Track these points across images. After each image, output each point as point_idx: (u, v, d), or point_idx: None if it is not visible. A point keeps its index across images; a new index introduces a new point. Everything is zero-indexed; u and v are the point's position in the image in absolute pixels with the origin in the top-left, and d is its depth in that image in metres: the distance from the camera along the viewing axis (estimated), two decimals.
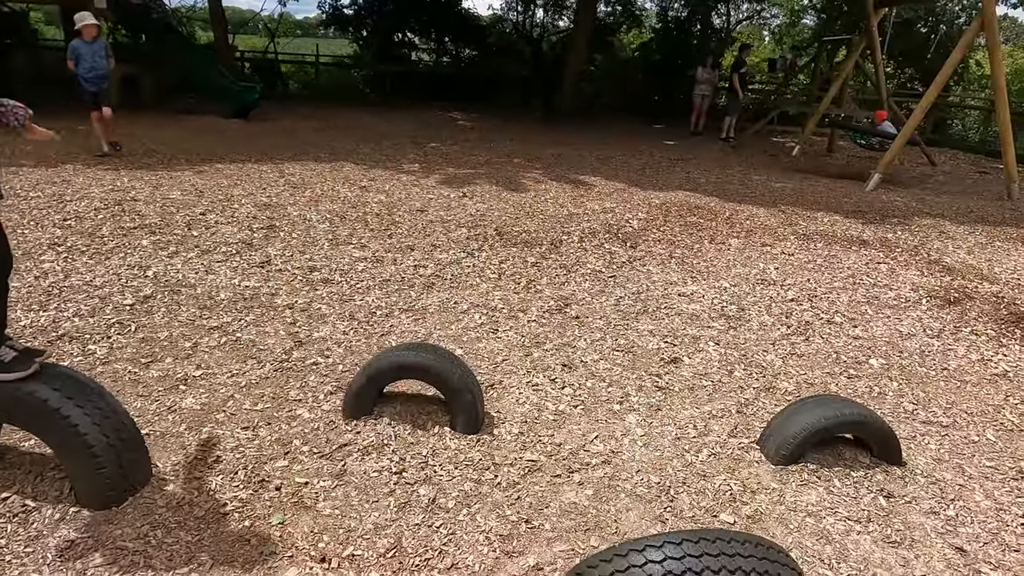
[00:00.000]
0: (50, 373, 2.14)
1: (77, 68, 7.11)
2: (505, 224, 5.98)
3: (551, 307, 4.16)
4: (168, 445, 2.53)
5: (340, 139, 10.04)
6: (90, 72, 7.19)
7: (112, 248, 4.59)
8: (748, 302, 4.49)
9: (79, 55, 7.12)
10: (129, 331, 3.42)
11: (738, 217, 6.85)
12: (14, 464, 2.32)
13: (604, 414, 2.98)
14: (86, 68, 7.15)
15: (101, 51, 7.28)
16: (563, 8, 17.98)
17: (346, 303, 4.00)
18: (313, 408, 2.84)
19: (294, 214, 5.76)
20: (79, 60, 7.11)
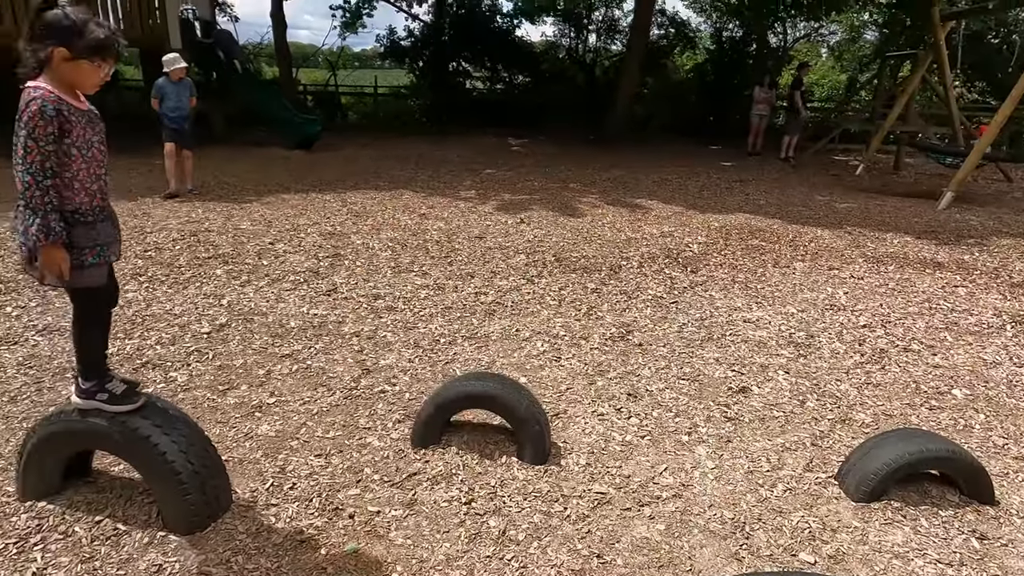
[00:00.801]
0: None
1: (161, 107, 7.27)
2: (563, 250, 5.99)
3: (613, 334, 4.13)
4: (246, 471, 2.61)
5: (398, 167, 10.30)
6: (174, 111, 7.35)
7: (189, 278, 4.81)
8: (817, 328, 4.35)
9: (164, 94, 7.26)
10: (207, 359, 3.57)
11: (802, 239, 6.68)
12: (105, 488, 2.43)
13: (672, 445, 2.93)
14: (170, 107, 7.31)
15: (186, 91, 7.41)
16: (615, 32, 18.07)
17: (410, 331, 4.07)
18: (382, 436, 2.89)
19: (357, 242, 5.91)
20: (164, 99, 7.26)
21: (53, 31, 1.83)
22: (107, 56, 1.90)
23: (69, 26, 1.83)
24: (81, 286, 1.98)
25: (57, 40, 1.83)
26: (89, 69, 1.89)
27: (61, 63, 1.84)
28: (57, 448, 2.29)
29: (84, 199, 1.94)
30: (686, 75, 18.15)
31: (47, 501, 2.34)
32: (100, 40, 1.87)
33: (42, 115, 1.78)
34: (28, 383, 3.23)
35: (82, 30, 1.85)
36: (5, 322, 3.92)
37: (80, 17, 1.86)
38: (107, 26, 1.90)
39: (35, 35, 1.84)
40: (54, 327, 3.87)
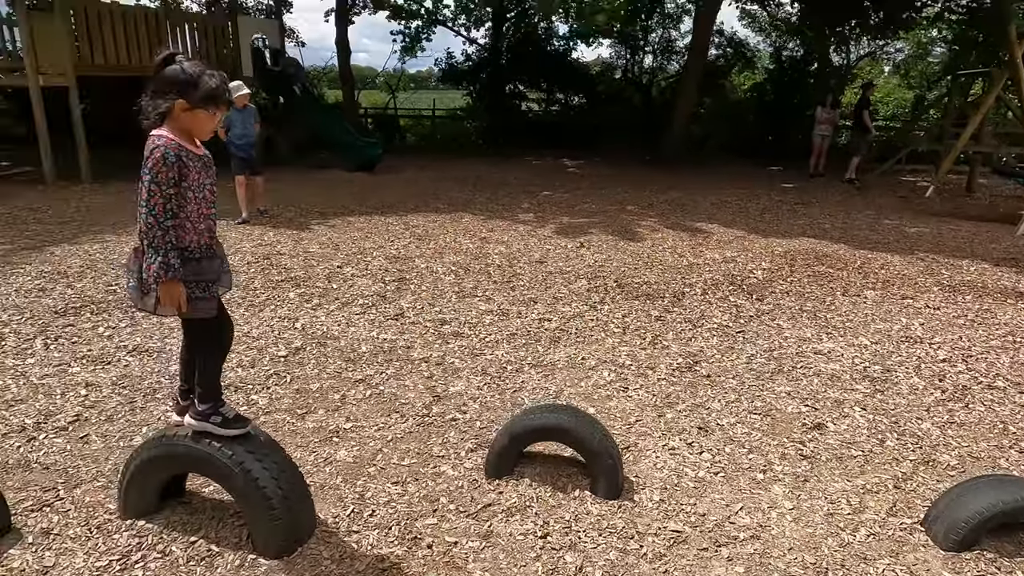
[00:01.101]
0: None
1: (228, 135, 7.33)
2: (624, 275, 5.99)
3: (680, 365, 4.10)
4: (327, 497, 2.70)
5: (457, 189, 10.48)
6: (241, 139, 7.42)
7: (264, 300, 5.00)
8: (893, 362, 4.22)
9: (231, 122, 7.31)
10: (285, 382, 3.70)
11: (871, 266, 6.50)
12: (199, 509, 2.55)
13: (747, 483, 2.88)
14: (237, 135, 7.38)
15: (251, 118, 7.50)
16: (672, 53, 18.01)
17: (477, 357, 4.13)
18: (456, 465, 2.94)
19: (421, 266, 6.04)
20: (230, 127, 7.31)
21: (173, 85, 2.00)
22: (220, 104, 2.07)
23: (186, 79, 2.00)
24: (194, 317, 2.14)
25: (176, 93, 2.00)
26: (205, 117, 2.06)
27: (180, 113, 2.02)
28: (157, 470, 2.42)
29: (194, 238, 2.10)
30: (744, 95, 17.92)
31: (146, 520, 2.47)
32: (213, 90, 2.04)
33: (164, 161, 1.95)
34: (122, 403, 3.42)
35: (197, 82, 2.01)
36: (99, 342, 4.16)
37: (195, 71, 2.02)
38: (218, 76, 2.06)
39: (157, 90, 2.01)
40: (143, 348, 4.09)
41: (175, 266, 1.99)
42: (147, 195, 1.95)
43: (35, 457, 2.92)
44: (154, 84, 2.01)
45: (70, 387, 3.57)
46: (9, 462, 2.88)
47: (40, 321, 4.48)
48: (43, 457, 2.93)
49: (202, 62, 2.08)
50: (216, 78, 2.05)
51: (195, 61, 2.07)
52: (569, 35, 17.98)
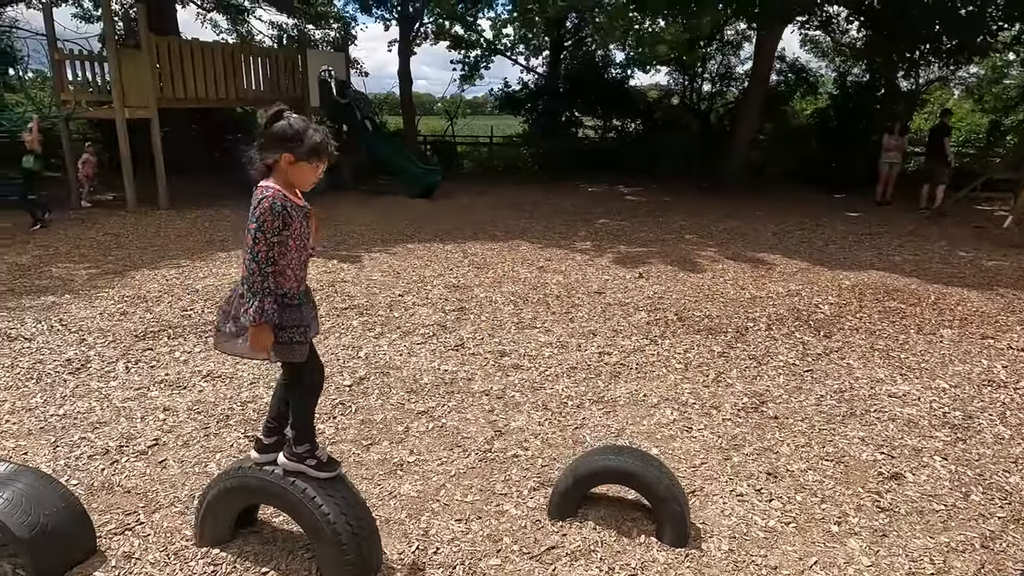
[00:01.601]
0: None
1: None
2: (685, 308, 5.90)
3: (745, 404, 4.00)
4: (392, 532, 2.72)
5: (513, 216, 10.57)
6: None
7: (329, 328, 5.13)
8: (975, 408, 4.00)
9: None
10: (350, 412, 3.78)
11: (946, 302, 6.21)
12: (270, 539, 2.62)
13: (821, 536, 2.77)
14: None
15: None
16: (731, 79, 17.83)
17: (537, 391, 4.13)
18: (519, 504, 2.93)
19: (480, 296, 6.10)
20: None
21: (281, 140, 2.10)
22: (323, 157, 2.14)
23: (293, 134, 2.09)
24: (292, 361, 2.22)
25: (283, 147, 2.09)
26: (309, 169, 2.14)
27: (287, 166, 2.11)
28: (233, 501, 2.50)
29: (293, 284, 2.18)
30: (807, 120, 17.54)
31: (221, 548, 2.55)
32: (317, 144, 2.11)
33: (272, 211, 2.04)
34: (197, 428, 3.56)
35: (302, 137, 2.09)
36: (175, 367, 4.35)
37: (301, 126, 2.10)
38: (322, 131, 2.15)
39: (266, 143, 2.12)
40: (216, 373, 4.25)
41: (268, 312, 2.06)
42: (252, 242, 2.04)
43: (118, 480, 3.06)
44: (263, 138, 2.12)
45: (149, 411, 3.73)
46: (95, 484, 3.02)
47: (122, 344, 4.71)
48: (125, 480, 3.06)
49: (307, 118, 2.17)
50: (320, 133, 2.13)
51: (301, 116, 2.15)
52: (627, 63, 18.05)
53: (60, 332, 4.96)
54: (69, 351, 4.57)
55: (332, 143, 2.16)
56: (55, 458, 3.24)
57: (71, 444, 3.37)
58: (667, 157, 16.67)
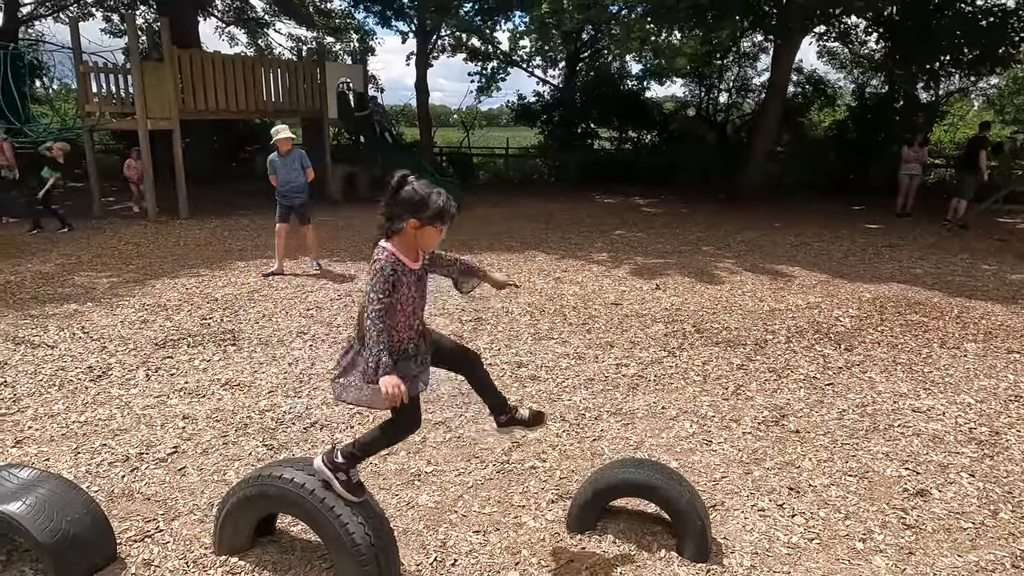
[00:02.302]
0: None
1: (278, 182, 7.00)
2: (703, 320, 5.85)
3: (766, 418, 3.95)
4: (410, 543, 2.71)
5: (529, 227, 10.57)
6: (284, 186, 6.92)
7: (347, 338, 5.14)
8: (1002, 424, 3.92)
9: (275, 169, 6.89)
10: (367, 421, 3.77)
11: (970, 315, 6.11)
12: (288, 548, 2.62)
13: (845, 552, 2.72)
14: (282, 182, 6.91)
15: (296, 163, 6.91)
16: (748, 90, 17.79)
17: (555, 403, 4.11)
18: (537, 516, 2.91)
19: (497, 306, 6.09)
20: (277, 174, 6.92)
21: (408, 206, 2.17)
22: (446, 220, 2.22)
23: (419, 200, 2.16)
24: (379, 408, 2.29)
25: (410, 213, 2.16)
26: (432, 232, 2.22)
27: (412, 230, 2.18)
28: (251, 509, 2.50)
29: (395, 342, 2.24)
30: (825, 132, 17.43)
31: (239, 557, 2.55)
32: (441, 208, 2.18)
33: (382, 274, 2.15)
34: (216, 436, 3.57)
35: (427, 201, 2.17)
36: (194, 375, 4.38)
37: (425, 191, 2.18)
38: (444, 195, 2.22)
39: (393, 210, 2.19)
40: (235, 382, 4.27)
41: (386, 363, 2.11)
42: (367, 300, 2.14)
43: (138, 487, 3.08)
44: (390, 204, 2.20)
45: (169, 419, 3.76)
46: (115, 491, 3.04)
47: (142, 352, 4.76)
48: (144, 487, 3.08)
49: (429, 184, 2.22)
50: (442, 196, 2.21)
51: (424, 182, 2.22)
52: (643, 74, 18.08)
53: (82, 340, 5.01)
54: (91, 358, 4.62)
55: (454, 205, 2.23)
56: (76, 464, 3.26)
57: (92, 451, 3.40)
58: (683, 168, 16.64)
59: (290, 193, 6.95)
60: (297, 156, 6.92)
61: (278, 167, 6.88)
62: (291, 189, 6.93)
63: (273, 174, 6.91)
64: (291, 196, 6.96)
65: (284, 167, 6.87)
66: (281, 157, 6.85)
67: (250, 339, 5.09)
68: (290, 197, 6.97)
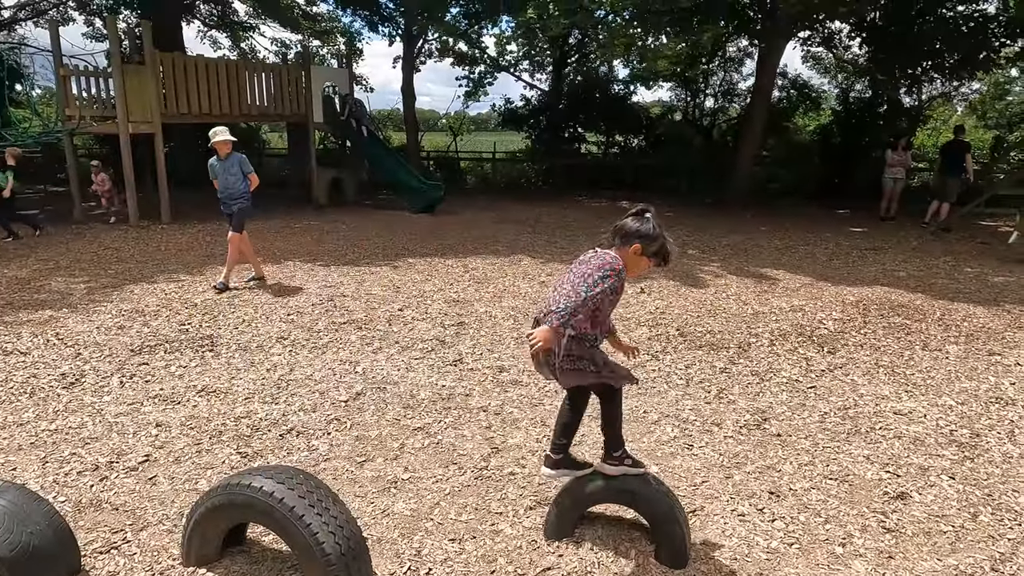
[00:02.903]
0: (296, 478, 2.36)
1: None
2: (687, 323, 5.83)
3: (747, 421, 3.92)
4: (384, 552, 2.66)
5: (515, 231, 10.54)
6: (223, 192, 6.52)
7: (327, 343, 5.09)
8: (983, 426, 3.92)
9: (216, 173, 6.52)
10: (345, 428, 3.72)
11: (952, 318, 6.13)
12: (258, 559, 2.56)
13: (825, 557, 2.69)
14: (220, 188, 6.53)
15: (234, 168, 6.47)
16: (734, 95, 17.87)
17: (536, 407, 4.06)
18: (515, 524, 2.86)
19: (480, 310, 6.05)
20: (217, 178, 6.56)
21: (640, 234, 2.44)
22: (662, 261, 2.49)
23: (655, 235, 2.45)
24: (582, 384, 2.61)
25: (640, 240, 2.44)
26: (645, 263, 2.49)
27: (633, 255, 2.45)
28: (220, 520, 2.44)
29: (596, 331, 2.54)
30: (809, 137, 17.55)
31: (207, 568, 2.49)
32: (664, 250, 2.46)
33: (619, 275, 2.38)
34: (190, 444, 3.50)
35: (657, 239, 2.44)
36: (170, 381, 4.30)
37: (659, 231, 2.45)
38: (670, 242, 2.48)
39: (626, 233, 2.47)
40: (211, 388, 4.20)
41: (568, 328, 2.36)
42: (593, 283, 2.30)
43: (106, 497, 3.00)
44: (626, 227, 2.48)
45: (142, 426, 3.68)
46: (82, 501, 2.96)
47: (118, 359, 4.67)
48: (113, 497, 3.00)
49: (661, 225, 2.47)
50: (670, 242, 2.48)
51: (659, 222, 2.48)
52: (629, 79, 18.11)
53: (56, 346, 4.92)
54: (64, 365, 4.53)
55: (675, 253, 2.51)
56: (44, 474, 3.19)
57: (61, 460, 3.32)
58: (670, 173, 16.68)
59: (228, 199, 6.55)
60: (236, 160, 6.50)
61: (217, 171, 6.52)
62: (229, 195, 6.53)
63: (215, 178, 6.57)
64: (229, 202, 6.56)
65: (223, 171, 6.49)
66: (220, 161, 6.46)
67: (229, 345, 5.02)
68: (228, 203, 6.57)
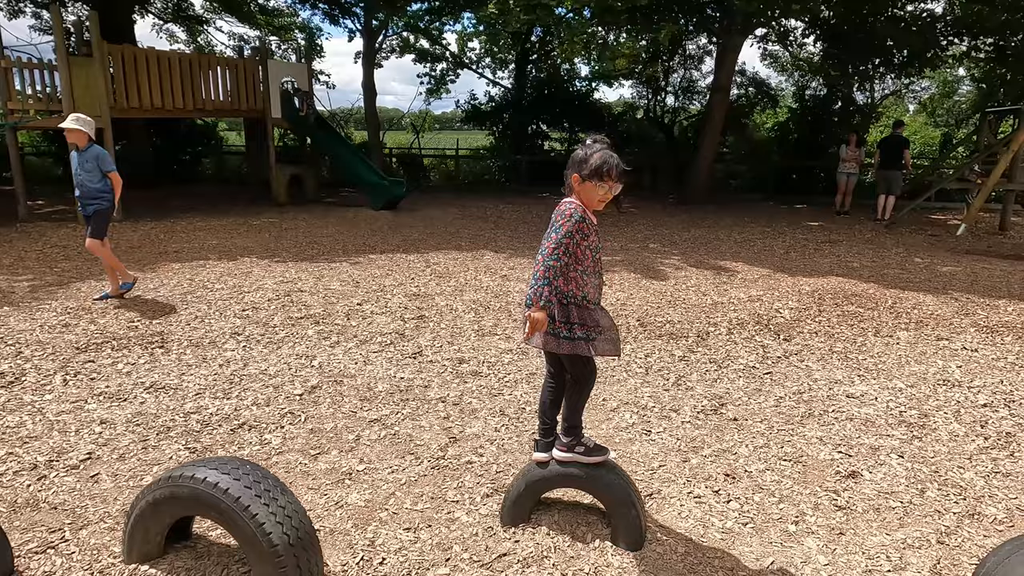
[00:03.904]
0: (241, 469, 2.29)
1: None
2: (647, 314, 5.87)
3: (705, 407, 3.96)
4: (337, 543, 2.60)
5: (478, 227, 10.51)
6: (78, 189, 5.60)
7: (283, 338, 4.98)
8: (930, 407, 4.02)
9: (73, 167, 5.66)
10: (299, 421, 3.64)
11: (903, 306, 6.30)
12: (204, 554, 2.47)
13: (778, 535, 2.72)
14: (76, 184, 5.61)
15: (89, 164, 5.51)
16: (694, 93, 18.11)
17: (495, 397, 4.03)
18: (471, 511, 2.83)
19: (441, 304, 6.00)
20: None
21: (572, 162, 2.35)
22: (604, 179, 2.30)
23: (580, 158, 2.34)
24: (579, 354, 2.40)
25: (573, 169, 2.35)
26: (593, 189, 2.33)
27: (576, 186, 2.34)
28: (162, 513, 2.34)
29: (589, 291, 2.40)
30: (767, 133, 17.88)
31: (150, 565, 2.40)
32: (598, 167, 2.30)
33: (572, 218, 2.28)
34: (135, 441, 3.38)
35: (588, 159, 2.31)
36: (117, 379, 4.15)
37: (589, 150, 2.33)
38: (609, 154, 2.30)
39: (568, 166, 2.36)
40: (160, 385, 4.06)
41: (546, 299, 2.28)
42: (555, 245, 2.26)
43: (44, 496, 2.87)
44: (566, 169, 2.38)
45: (85, 424, 3.54)
46: (18, 501, 2.83)
47: (61, 357, 4.50)
48: (52, 496, 2.88)
49: (603, 140, 2.34)
50: (607, 154, 2.30)
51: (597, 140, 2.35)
52: (591, 77, 18.21)
53: None
54: (3, 364, 4.34)
55: (620, 167, 2.31)
56: None
57: None
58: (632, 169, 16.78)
59: (84, 199, 5.60)
60: (93, 155, 5.52)
61: (74, 165, 5.62)
62: (83, 193, 5.57)
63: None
64: (85, 202, 5.61)
65: (78, 166, 5.56)
66: (79, 153, 5.55)
67: (180, 341, 4.87)
68: (84, 204, 5.62)
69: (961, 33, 12.70)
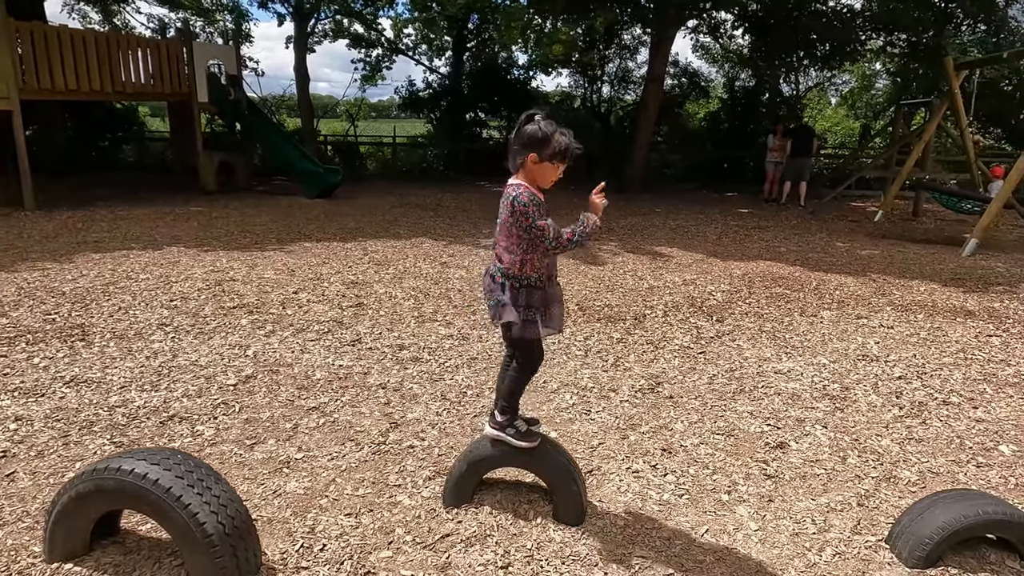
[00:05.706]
0: (172, 459, 2.21)
1: None
2: (586, 299, 5.96)
3: (642, 386, 4.06)
4: (275, 532, 2.54)
5: (417, 215, 10.40)
6: None
7: (215, 328, 4.81)
8: (851, 380, 4.25)
9: None
10: (234, 411, 3.53)
11: (826, 287, 6.62)
12: (133, 549, 2.37)
13: (712, 505, 2.82)
14: None
15: None
16: (629, 83, 18.40)
17: (436, 382, 4.02)
18: (413, 495, 2.81)
19: (380, 291, 5.92)
20: None
21: (528, 142, 2.29)
22: (564, 160, 2.31)
23: (541, 138, 2.27)
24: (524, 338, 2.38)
25: (530, 149, 2.29)
26: (550, 169, 2.33)
27: (531, 165, 2.32)
28: (87, 508, 2.24)
29: (540, 270, 2.39)
30: (700, 123, 18.37)
31: (74, 563, 2.28)
32: (561, 148, 2.28)
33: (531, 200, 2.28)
34: (55, 437, 3.20)
35: (549, 140, 2.27)
36: (33, 373, 3.92)
37: (548, 130, 2.28)
38: (568, 135, 2.30)
39: (518, 144, 2.32)
40: (81, 379, 3.86)
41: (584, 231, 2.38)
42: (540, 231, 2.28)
43: None
44: (515, 139, 2.33)
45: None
46: None
47: None
48: None
49: (555, 121, 2.30)
50: (566, 138, 2.29)
51: (550, 120, 2.30)
52: (529, 65, 18.23)
53: None
54: None
55: (576, 147, 2.31)
56: None
57: None
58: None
59: None
60: None
61: None
62: None
63: None
64: None
65: None
66: None
67: (103, 333, 4.63)
68: None
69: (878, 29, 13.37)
